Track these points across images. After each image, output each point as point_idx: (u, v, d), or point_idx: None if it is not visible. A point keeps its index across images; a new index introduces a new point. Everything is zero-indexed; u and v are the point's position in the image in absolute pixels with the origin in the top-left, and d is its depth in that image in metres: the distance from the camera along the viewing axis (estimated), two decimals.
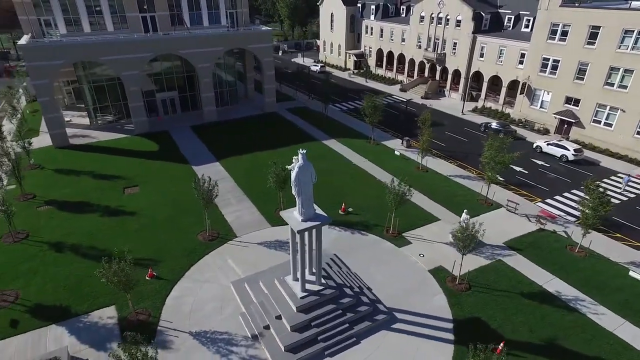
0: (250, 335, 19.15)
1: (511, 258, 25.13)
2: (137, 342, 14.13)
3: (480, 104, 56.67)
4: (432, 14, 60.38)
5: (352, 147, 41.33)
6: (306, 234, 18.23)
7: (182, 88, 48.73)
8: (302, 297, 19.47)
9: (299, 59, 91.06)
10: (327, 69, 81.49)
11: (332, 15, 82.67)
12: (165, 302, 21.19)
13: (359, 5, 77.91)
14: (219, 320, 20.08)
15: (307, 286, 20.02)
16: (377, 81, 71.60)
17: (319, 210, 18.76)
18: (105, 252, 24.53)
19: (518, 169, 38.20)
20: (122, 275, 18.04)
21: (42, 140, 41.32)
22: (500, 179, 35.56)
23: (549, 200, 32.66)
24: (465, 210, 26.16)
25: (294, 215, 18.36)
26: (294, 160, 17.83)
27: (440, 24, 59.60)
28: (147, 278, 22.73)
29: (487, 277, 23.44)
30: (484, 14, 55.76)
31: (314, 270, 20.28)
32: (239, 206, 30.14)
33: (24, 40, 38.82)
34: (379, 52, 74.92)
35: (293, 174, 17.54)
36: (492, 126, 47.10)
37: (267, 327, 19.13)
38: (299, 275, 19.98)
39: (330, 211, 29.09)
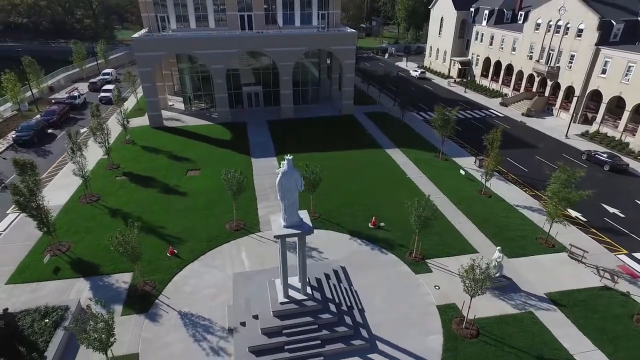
0: (227, 328, 19.70)
1: (547, 313, 21.16)
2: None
3: (593, 128, 48.39)
4: (549, 21, 53.30)
5: (415, 159, 38.96)
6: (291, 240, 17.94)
7: (267, 84, 51.48)
8: (281, 303, 19.29)
9: (403, 63, 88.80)
10: (428, 75, 78.03)
11: (441, 19, 78.58)
12: (172, 279, 22.97)
13: (472, 9, 72.52)
14: (207, 307, 21.06)
15: (292, 293, 19.76)
16: (478, 92, 66.06)
17: (306, 219, 18.28)
18: (146, 223, 27.67)
19: (612, 210, 31.85)
20: (127, 246, 20.08)
21: (144, 120, 47.76)
22: (582, 218, 30.17)
23: (638, 255, 26.58)
24: (498, 248, 22.74)
25: (278, 220, 18.23)
26: (281, 165, 17.67)
27: (558, 33, 52.32)
28: (168, 254, 24.85)
29: (505, 328, 20.16)
30: (615, 23, 47.26)
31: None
32: (275, 202, 30.87)
33: (138, 34, 45.29)
34: (486, 61, 68.91)
35: (277, 179, 17.42)
36: (598, 156, 39.94)
37: (243, 324, 19.44)
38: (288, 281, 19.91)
39: (360, 223, 28.22)
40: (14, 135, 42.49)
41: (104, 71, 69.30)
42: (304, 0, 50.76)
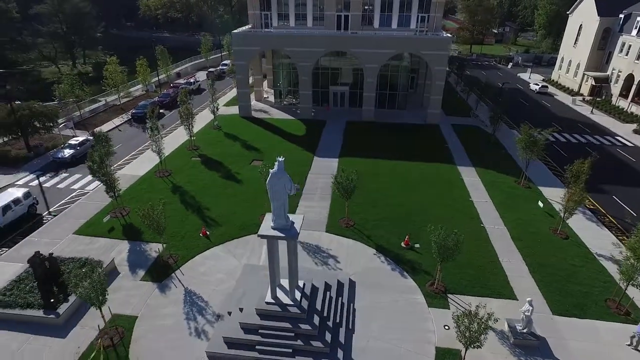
0: (216, 314, 20.51)
1: None
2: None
3: None
4: None
5: (489, 181, 34.71)
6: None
7: (355, 85, 51.17)
8: (267, 302, 19.26)
9: (526, 75, 79.55)
10: (551, 89, 68.52)
11: (580, 27, 68.02)
12: (193, 258, 24.74)
13: (621, 16, 61.11)
14: (210, 290, 22.17)
15: (281, 296, 19.56)
16: (609, 114, 55.74)
17: (297, 224, 17.90)
18: (197, 203, 30.28)
19: None
20: (152, 220, 22.31)
21: (235, 109, 51.85)
22: None
23: None
24: (529, 300, 18.94)
25: (269, 220, 18.22)
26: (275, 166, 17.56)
27: None
28: (200, 234, 26.79)
29: None
30: None
31: (299, 283, 19.81)
32: (315, 203, 30.79)
33: (239, 29, 49.14)
34: (629, 78, 57.51)
35: (267, 179, 17.40)
36: None
37: (229, 314, 20.00)
38: (281, 282, 19.86)
39: (394, 239, 26.47)
40: (132, 111, 50.19)
41: (223, 62, 77.00)
42: (403, 2, 48.91)
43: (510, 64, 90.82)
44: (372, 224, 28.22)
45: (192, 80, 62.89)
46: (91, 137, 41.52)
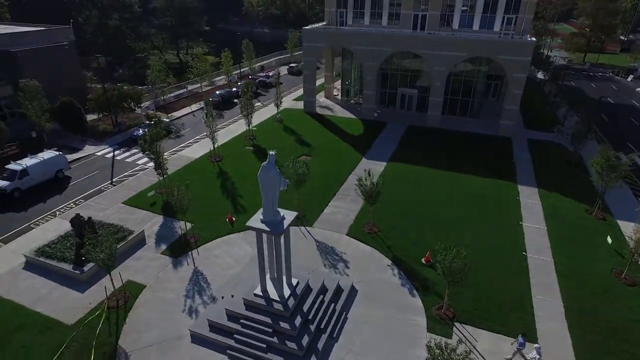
0: (213, 296, 21.19)
1: None
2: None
3: None
4: None
5: (551, 206, 30.39)
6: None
7: (425, 88, 48.61)
8: (255, 294, 19.33)
9: None
10: None
11: None
12: (212, 240, 25.86)
13: None
14: (215, 272, 22.98)
15: (271, 290, 19.44)
16: None
17: (285, 221, 17.64)
18: (233, 190, 31.61)
19: None
20: (173, 198, 23.87)
21: (300, 103, 52.80)
22: None
23: None
24: (536, 346, 16.05)
25: (260, 212, 18.23)
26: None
27: None
28: (226, 220, 27.88)
29: None
30: None
31: (293, 280, 19.66)
32: (346, 205, 30.01)
33: (312, 26, 49.72)
34: None
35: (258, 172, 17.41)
36: None
37: (222, 298, 20.51)
38: (275, 275, 19.82)
39: (415, 253, 24.73)
40: (210, 98, 54.05)
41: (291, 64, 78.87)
42: (488, 1, 44.96)
43: (631, 76, 78.17)
44: (397, 233, 26.61)
45: (270, 74, 65.51)
46: (166, 119, 45.82)
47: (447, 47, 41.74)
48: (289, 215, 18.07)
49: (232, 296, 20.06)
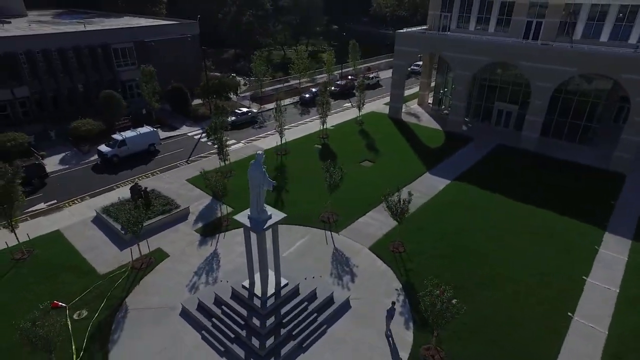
0: (218, 278, 22.58)
1: None
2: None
3: None
4: None
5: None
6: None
7: (527, 105, 42.84)
8: (242, 286, 20.03)
9: None
10: None
11: None
12: (239, 228, 27.27)
13: None
14: (230, 257, 24.34)
15: (258, 284, 19.85)
16: None
17: (270, 220, 17.92)
18: (282, 184, 32.89)
19: None
20: (209, 183, 25.99)
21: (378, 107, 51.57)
22: None
23: None
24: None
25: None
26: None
27: None
28: None
29: None
30: None
31: (283, 281, 19.97)
32: (384, 218, 28.07)
33: (409, 29, 47.78)
34: None
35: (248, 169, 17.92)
36: None
37: (221, 281, 21.73)
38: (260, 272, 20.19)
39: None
40: (302, 95, 56.46)
41: (416, 62, 75.98)
42: (625, 7, 37.32)
43: None
44: (423, 259, 24.43)
45: (371, 76, 65.17)
46: (254, 110, 49.40)
47: (553, 60, 36.03)
48: (276, 216, 18.20)
49: (227, 282, 21.10)
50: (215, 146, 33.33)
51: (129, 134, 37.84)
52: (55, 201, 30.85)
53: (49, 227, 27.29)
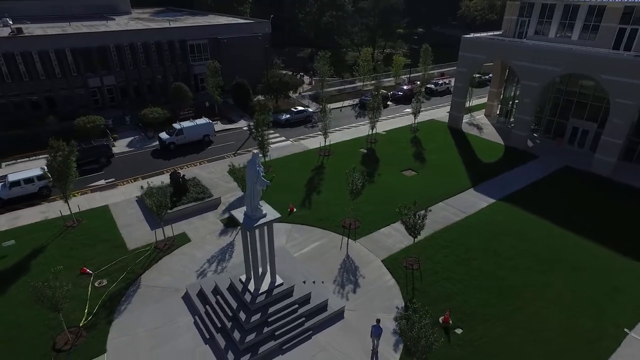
0: (222, 268, 23.48)
1: None
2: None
3: None
4: None
5: None
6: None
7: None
8: (239, 279, 20.56)
9: None
10: None
11: None
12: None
13: None
14: (241, 244, 25.07)
15: (254, 280, 20.25)
16: None
17: (264, 219, 18.17)
18: (317, 184, 33.03)
19: None
20: (235, 176, 27.08)
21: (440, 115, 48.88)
22: None
23: None
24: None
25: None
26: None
27: None
28: (288, 210, 29.54)
29: None
30: None
31: (278, 280, 20.22)
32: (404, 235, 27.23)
33: (479, 34, 44.59)
34: None
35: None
36: None
37: (223, 272, 22.59)
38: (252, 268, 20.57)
39: (438, 309, 21.05)
40: (361, 97, 55.90)
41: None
42: None
43: None
44: (436, 280, 22.85)
45: (440, 82, 62.24)
46: (311, 109, 50.06)
47: (635, 72, 31.17)
48: (270, 216, 18.39)
49: (228, 272, 21.83)
50: (257, 142, 34.47)
51: (186, 123, 40.79)
52: (113, 179, 34.47)
53: (100, 201, 30.61)
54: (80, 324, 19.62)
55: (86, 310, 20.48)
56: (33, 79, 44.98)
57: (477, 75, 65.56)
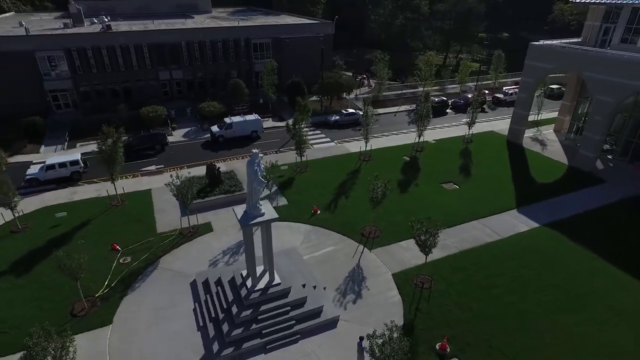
0: (234, 260, 24.23)
1: None
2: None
3: None
4: None
5: None
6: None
7: None
8: (241, 274, 21.08)
9: None
10: None
11: None
12: (284, 221, 28.34)
13: None
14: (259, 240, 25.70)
15: (254, 276, 20.69)
16: None
17: (261, 218, 18.45)
18: (346, 189, 32.75)
19: None
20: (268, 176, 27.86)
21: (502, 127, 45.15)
22: None
23: None
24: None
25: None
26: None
27: None
28: (312, 210, 29.59)
29: None
30: None
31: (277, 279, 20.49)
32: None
33: (541, 42, 40.39)
34: None
35: None
36: None
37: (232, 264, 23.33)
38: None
39: (436, 333, 19.83)
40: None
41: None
42: None
43: None
44: (445, 303, 21.33)
45: (510, 92, 57.76)
46: (361, 112, 49.40)
47: None
48: (268, 215, 18.60)
49: (233, 264, 22.50)
50: (294, 141, 34.95)
51: (236, 118, 42.65)
52: (163, 166, 37.23)
53: (146, 185, 33.26)
54: (96, 295, 21.52)
55: (105, 283, 22.42)
56: (114, 70, 50.12)
57: (556, 86, 59.82)
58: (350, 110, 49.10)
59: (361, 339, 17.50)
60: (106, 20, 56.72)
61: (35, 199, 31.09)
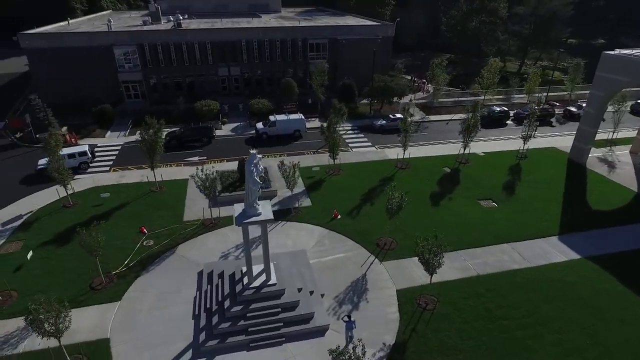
0: (241, 254, 24.89)
1: None
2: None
3: None
4: None
5: None
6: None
7: None
8: (241, 270, 21.58)
9: None
10: None
11: None
12: (302, 222, 28.47)
13: None
14: (274, 237, 25.98)
15: (252, 274, 21.08)
16: None
17: (257, 217, 18.73)
18: (374, 196, 32.07)
19: None
20: (287, 177, 28.22)
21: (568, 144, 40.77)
22: None
23: None
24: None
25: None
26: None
27: None
28: (333, 215, 29.31)
29: None
30: None
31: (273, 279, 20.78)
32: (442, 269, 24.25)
33: (617, 51, 35.57)
34: None
35: None
36: None
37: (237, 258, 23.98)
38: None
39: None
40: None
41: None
42: None
43: None
44: (446, 328, 19.95)
45: (585, 105, 51.94)
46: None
47: None
48: (262, 216, 18.80)
49: (236, 259, 23.11)
50: (328, 143, 34.84)
51: (280, 117, 43.56)
52: (205, 157, 39.26)
53: (185, 175, 35.21)
54: (114, 272, 23.39)
55: (125, 262, 24.28)
56: (179, 65, 53.82)
57: None
58: (398, 116, 47.57)
59: (349, 317, 17.23)
60: (181, 18, 60.97)
61: (88, 179, 34.53)
